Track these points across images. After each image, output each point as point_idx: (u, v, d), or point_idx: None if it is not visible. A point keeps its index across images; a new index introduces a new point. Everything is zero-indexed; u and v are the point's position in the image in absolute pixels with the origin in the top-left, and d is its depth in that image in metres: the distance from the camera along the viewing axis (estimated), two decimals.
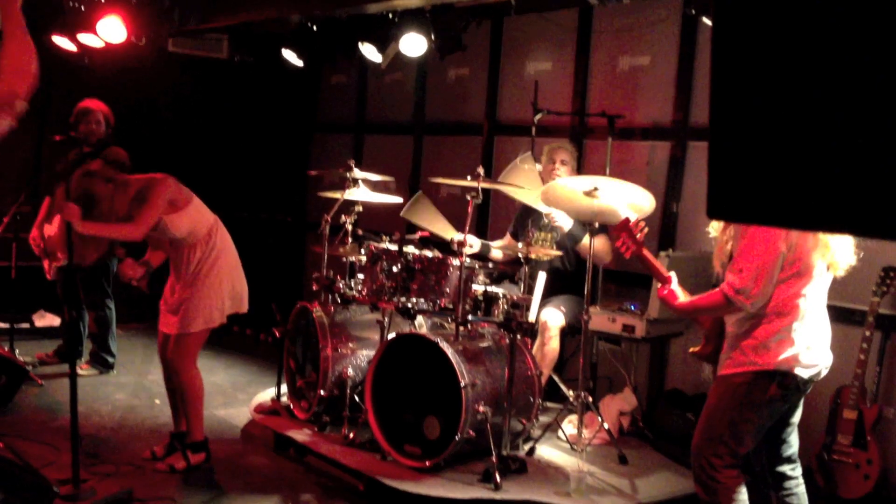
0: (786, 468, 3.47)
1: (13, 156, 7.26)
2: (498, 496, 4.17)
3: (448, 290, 4.71)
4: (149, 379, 6.18)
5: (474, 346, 4.68)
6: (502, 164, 6.61)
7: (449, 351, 4.37)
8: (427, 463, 4.37)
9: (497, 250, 5.64)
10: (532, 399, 4.72)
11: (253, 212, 8.17)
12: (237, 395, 5.97)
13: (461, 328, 4.70)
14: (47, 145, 7.05)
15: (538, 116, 5.50)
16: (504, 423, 4.41)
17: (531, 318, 4.75)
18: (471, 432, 4.33)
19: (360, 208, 5.40)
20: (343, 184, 5.42)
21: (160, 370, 4.71)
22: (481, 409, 4.36)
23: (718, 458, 3.26)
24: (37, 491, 3.92)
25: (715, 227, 3.41)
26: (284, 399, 5.33)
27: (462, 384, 4.28)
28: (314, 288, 5.30)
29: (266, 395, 5.60)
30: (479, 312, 4.75)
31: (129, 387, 6.01)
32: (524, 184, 5.17)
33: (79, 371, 5.94)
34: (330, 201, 5.39)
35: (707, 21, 5.08)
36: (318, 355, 5.00)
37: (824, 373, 3.32)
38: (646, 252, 3.54)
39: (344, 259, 5.43)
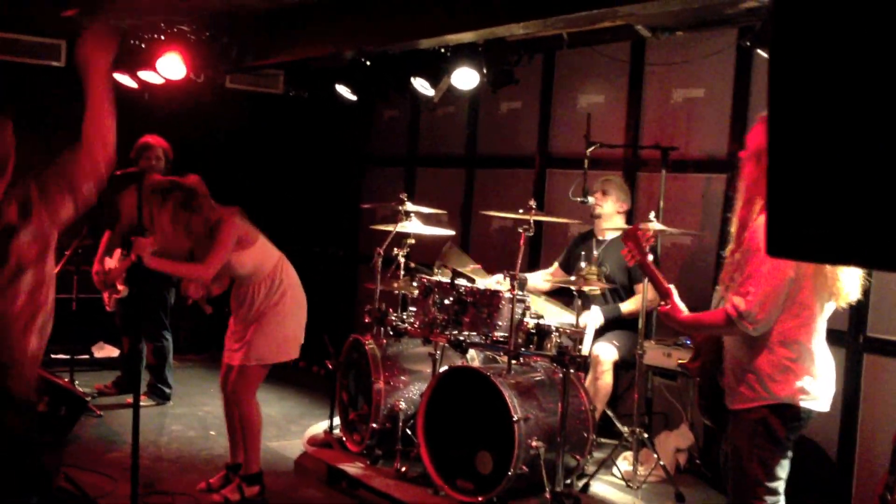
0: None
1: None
2: None
3: (500, 322, 4.69)
4: (204, 410, 6.25)
5: (527, 380, 4.64)
6: (555, 197, 6.62)
7: (501, 385, 4.34)
8: (480, 498, 4.34)
9: (542, 282, 5.60)
10: (586, 434, 4.66)
11: (306, 245, 8.25)
12: (290, 428, 6.00)
13: (513, 362, 4.67)
14: (110, 182, 7.21)
15: (591, 149, 5.48)
16: (557, 458, 4.36)
17: (584, 352, 4.70)
18: (524, 468, 4.28)
19: (412, 241, 5.42)
20: (395, 217, 5.46)
21: (215, 402, 4.77)
22: (534, 444, 4.31)
23: (760, 500, 3.18)
24: None
25: (728, 249, 3.35)
26: (337, 432, 5.34)
27: (514, 418, 4.25)
28: (366, 320, 5.33)
29: (319, 427, 5.62)
30: (531, 346, 4.72)
31: (184, 418, 6.08)
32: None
33: (142, 405, 6.13)
34: (382, 234, 5.42)
35: (763, 53, 5.04)
36: (370, 388, 5.00)
37: (827, 407, 3.21)
38: (649, 262, 3.52)
39: (396, 292, 5.45)
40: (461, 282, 4.87)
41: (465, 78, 6.14)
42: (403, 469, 4.74)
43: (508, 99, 7.11)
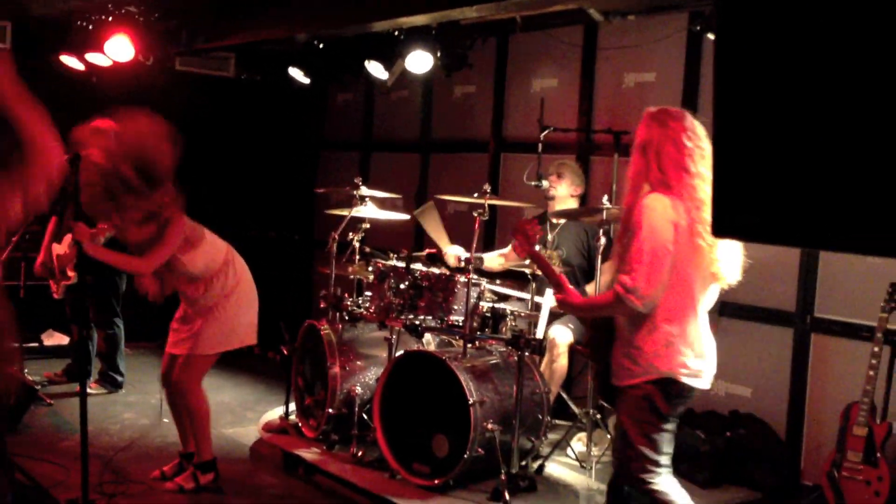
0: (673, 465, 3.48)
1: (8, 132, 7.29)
2: None
3: (456, 307, 4.71)
4: (157, 398, 6.14)
5: (482, 364, 4.67)
6: (509, 181, 6.64)
7: (457, 368, 4.36)
8: (436, 481, 4.36)
9: (493, 260, 5.62)
10: (541, 417, 4.70)
11: (261, 230, 8.18)
12: (245, 414, 5.96)
13: (469, 345, 4.70)
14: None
15: (544, 133, 5.51)
16: (513, 440, 4.39)
17: (539, 335, 4.74)
18: (479, 450, 4.31)
19: (367, 226, 5.41)
20: (350, 201, 5.43)
21: None
22: (490, 426, 4.34)
23: (646, 473, 3.27)
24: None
25: (616, 234, 3.43)
26: (293, 418, 5.32)
27: (470, 402, 4.28)
28: (322, 306, 5.31)
29: (274, 413, 5.60)
30: (486, 329, 4.75)
31: (137, 406, 6.01)
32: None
33: (88, 390, 5.98)
34: (337, 219, 5.40)
35: (712, 37, 5.10)
36: (326, 373, 4.99)
37: (708, 384, 3.32)
38: (538, 253, 3.62)
39: (352, 277, 5.44)
40: (417, 266, 4.88)
41: (419, 61, 6.12)
42: (360, 454, 4.75)
43: (462, 83, 7.10)
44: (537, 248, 3.54)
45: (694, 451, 4.84)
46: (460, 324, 4.66)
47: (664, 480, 3.28)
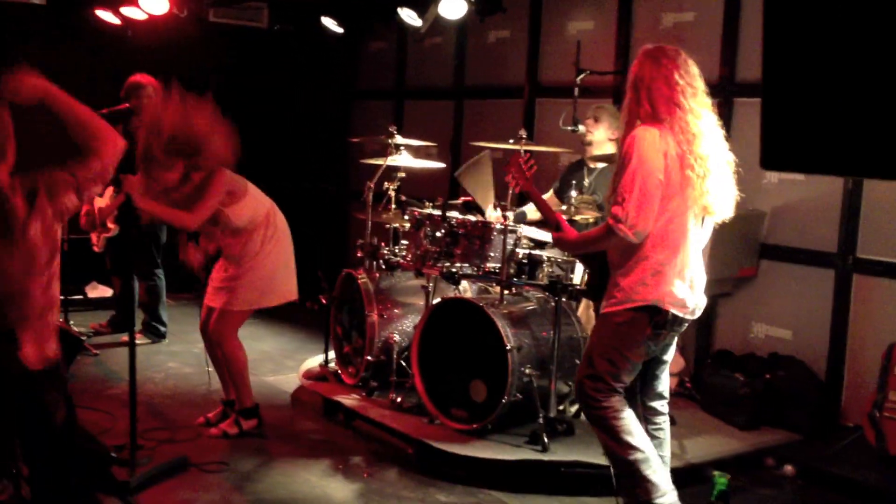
0: (656, 403, 3.56)
1: (62, 131, 7.37)
2: (546, 457, 4.19)
3: (492, 254, 4.70)
4: (200, 347, 6.23)
5: (519, 310, 4.67)
6: (545, 127, 6.57)
7: (494, 315, 4.37)
8: (474, 426, 4.41)
9: (535, 212, 5.58)
10: (578, 361, 4.70)
11: (296, 181, 8.21)
12: (285, 362, 6.05)
13: (506, 292, 4.70)
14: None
15: (580, 77, 5.42)
16: (550, 385, 4.41)
17: (576, 280, 4.73)
18: (517, 395, 4.34)
19: (402, 174, 5.40)
20: (385, 151, 5.42)
21: None
22: (527, 371, 4.37)
23: (599, 392, 3.34)
24: (95, 457, 4.03)
25: (614, 171, 3.42)
26: (332, 365, 5.39)
27: (507, 347, 4.29)
28: (359, 255, 5.34)
29: (314, 361, 5.67)
30: (523, 276, 4.75)
31: (181, 355, 6.13)
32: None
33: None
34: (372, 169, 5.40)
35: None
36: (364, 321, 5.04)
37: (698, 313, 3.37)
38: (534, 189, 3.64)
39: (387, 226, 5.45)
40: (452, 214, 4.87)
41: (452, 7, 6.05)
42: (399, 400, 4.80)
43: (496, 28, 7.01)
44: (544, 189, 3.55)
45: (732, 394, 4.84)
46: (497, 271, 4.66)
47: (617, 401, 3.34)
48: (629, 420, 3.36)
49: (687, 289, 3.28)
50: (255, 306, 4.54)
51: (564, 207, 4.89)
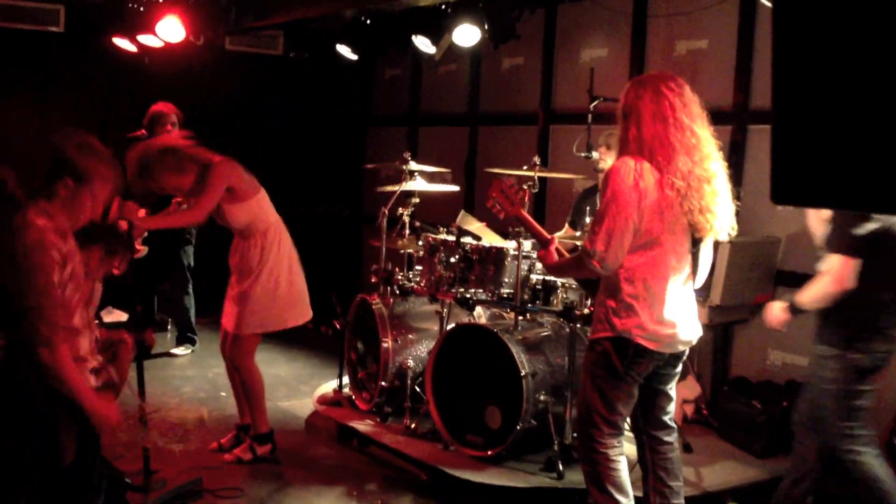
0: (661, 433, 3.51)
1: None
2: (561, 485, 4.17)
3: (506, 279, 4.70)
4: (214, 372, 6.30)
5: (534, 336, 4.67)
6: (559, 153, 6.59)
7: (509, 341, 4.37)
8: (489, 452, 4.39)
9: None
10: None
11: (310, 206, 8.25)
12: (300, 388, 6.05)
13: (520, 318, 4.69)
14: (112, 145, 7.22)
15: (594, 104, 5.44)
16: (565, 412, 4.40)
17: (590, 306, 4.71)
18: (532, 421, 4.32)
19: (416, 200, 5.42)
20: (399, 176, 5.45)
21: (223, 364, 4.80)
22: (542, 398, 4.35)
23: (597, 430, 3.32)
24: (109, 482, 4.02)
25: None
26: (346, 390, 5.39)
27: (522, 373, 4.28)
28: (373, 280, 5.35)
29: (328, 386, 5.67)
30: (537, 302, 4.74)
31: (194, 380, 6.14)
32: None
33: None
34: (386, 195, 5.42)
35: (766, 2, 4.98)
36: (378, 346, 5.04)
37: (681, 347, 3.34)
38: (523, 214, 3.63)
39: (402, 251, 5.46)
40: (467, 239, 4.88)
41: (467, 34, 6.09)
42: (413, 426, 4.79)
43: (510, 55, 7.05)
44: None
45: (750, 421, 4.81)
46: (511, 296, 4.66)
47: (615, 450, 3.33)
48: (620, 471, 3.34)
49: (662, 322, 3.23)
50: (265, 329, 4.53)
51: (579, 234, 4.90)
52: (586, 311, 4.61)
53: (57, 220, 2.91)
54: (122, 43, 7.15)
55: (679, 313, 3.28)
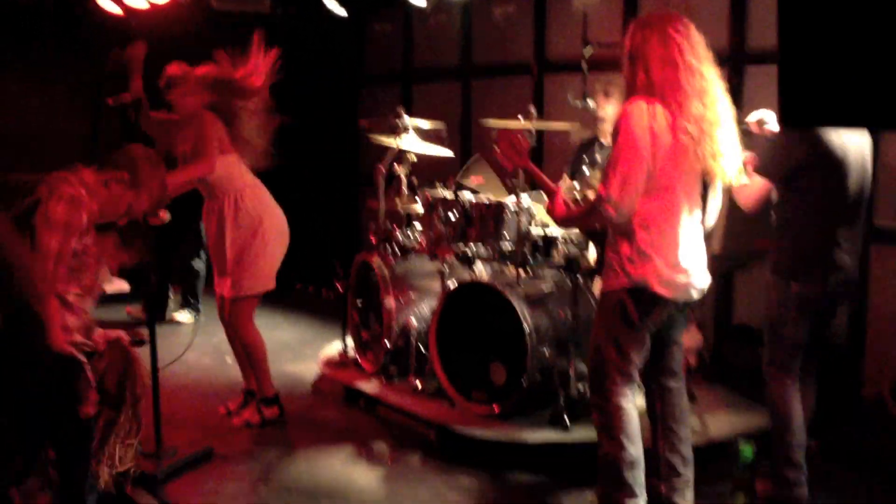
0: (670, 382, 3.51)
1: (71, 124, 7.41)
2: (568, 438, 4.20)
3: (506, 234, 4.68)
4: (218, 338, 6.29)
5: (536, 290, 4.66)
6: (554, 103, 6.51)
7: (511, 296, 4.36)
8: (495, 408, 4.40)
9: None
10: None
11: (305, 169, 8.18)
12: (304, 351, 6.06)
13: (522, 273, 4.68)
14: (104, 111, 7.16)
15: (587, 50, 5.36)
16: (570, 365, 4.41)
17: (591, 259, 4.70)
18: (537, 376, 4.34)
19: (413, 157, 5.37)
20: (395, 132, 5.39)
21: None
22: (546, 352, 4.35)
23: (611, 380, 3.31)
24: None
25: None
26: (351, 352, 5.40)
27: (526, 329, 4.28)
28: (372, 240, 5.32)
29: (333, 349, 5.68)
30: (538, 256, 4.72)
31: (199, 347, 6.13)
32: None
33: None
34: (382, 153, 5.36)
35: None
36: (381, 308, 5.03)
37: (696, 295, 3.31)
38: (531, 165, 3.57)
39: (400, 210, 5.43)
40: (465, 195, 4.84)
41: None
42: (419, 384, 4.81)
43: (502, 3, 6.94)
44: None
45: (754, 369, 4.80)
46: (512, 251, 4.64)
47: (627, 400, 3.33)
48: (630, 420, 3.34)
49: (677, 269, 3.22)
50: (259, 291, 4.52)
51: (577, 185, 4.85)
52: (590, 263, 4.60)
53: (95, 198, 3.09)
54: (106, 4, 7.02)
55: (692, 260, 3.27)
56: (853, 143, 3.53)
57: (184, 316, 6.85)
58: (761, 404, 4.70)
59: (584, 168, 5.09)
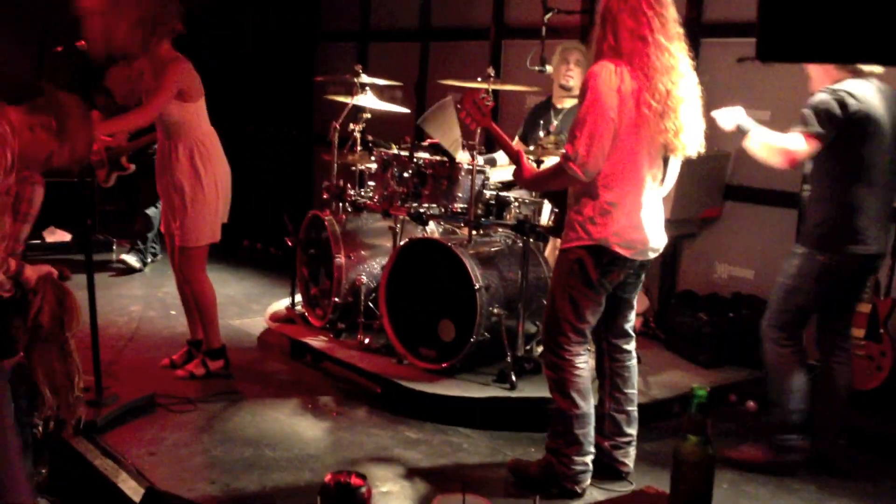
0: (621, 342, 3.59)
1: (13, 69, 7.18)
2: (514, 395, 4.24)
3: (460, 194, 4.68)
4: (163, 291, 6.23)
5: (487, 250, 4.67)
6: (511, 69, 6.51)
7: (462, 254, 4.37)
8: (443, 365, 4.43)
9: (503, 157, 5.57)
10: (545, 301, 4.73)
11: (259, 125, 8.08)
12: (251, 306, 6.01)
13: (474, 232, 4.69)
14: (49, 58, 6.97)
15: (548, 16, 5.36)
16: (518, 325, 4.44)
17: (543, 220, 4.73)
18: (485, 334, 4.36)
19: (368, 115, 5.32)
20: (350, 91, 5.34)
21: (173, 283, 4.74)
22: (495, 311, 4.38)
23: (565, 337, 3.38)
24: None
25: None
26: (299, 308, 5.37)
27: (476, 287, 4.30)
28: (325, 196, 5.28)
29: (280, 304, 5.64)
30: (491, 216, 4.74)
31: (144, 298, 6.06)
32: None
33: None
34: (337, 110, 5.31)
35: None
36: (331, 263, 5.01)
37: (652, 254, 3.38)
38: (494, 126, 3.60)
39: (353, 168, 5.39)
40: (420, 154, 4.83)
41: None
42: (367, 341, 4.80)
43: None
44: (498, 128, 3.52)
45: (696, 333, 4.92)
46: (465, 211, 4.64)
47: (580, 358, 3.39)
48: (584, 378, 3.40)
49: (637, 229, 3.27)
50: (215, 238, 4.46)
51: (532, 149, 4.87)
52: (542, 224, 4.63)
53: (18, 139, 2.94)
54: None
55: (651, 221, 3.32)
56: (887, 115, 3.54)
57: (132, 259, 6.76)
58: (703, 367, 4.83)
59: (539, 132, 5.11)
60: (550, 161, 4.78)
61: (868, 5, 1.08)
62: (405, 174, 4.77)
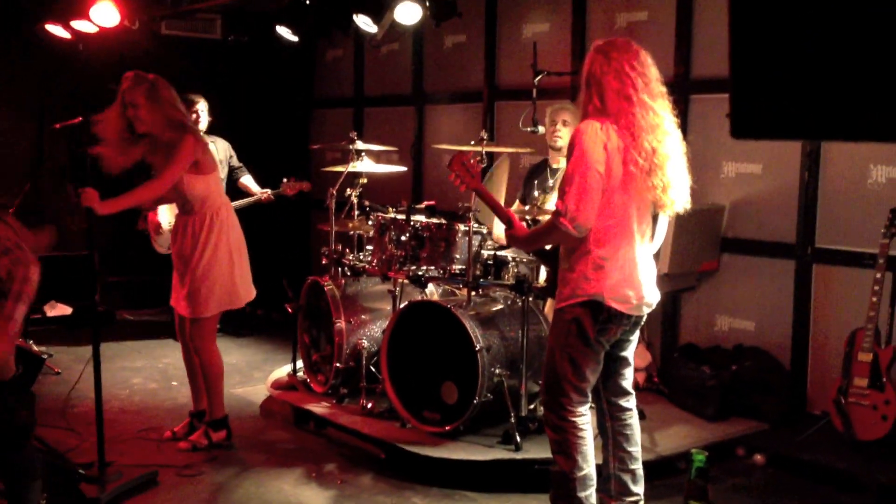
0: (621, 400, 3.57)
1: (15, 148, 7.28)
2: (519, 456, 4.21)
3: (458, 256, 4.71)
4: (164, 362, 6.22)
5: (487, 311, 4.69)
6: (504, 130, 6.61)
7: (462, 316, 4.38)
8: (447, 427, 4.40)
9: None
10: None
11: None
12: (253, 374, 6.00)
13: (473, 293, 4.71)
14: (48, 136, 7.06)
15: (538, 78, 5.46)
16: (521, 385, 4.43)
17: (542, 280, 4.75)
18: (488, 395, 4.35)
19: (364, 181, 5.38)
20: (346, 157, 5.41)
21: (175, 353, 4.75)
22: (497, 372, 4.38)
23: (567, 398, 3.36)
24: (62, 475, 3.95)
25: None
26: (301, 374, 5.35)
27: (477, 348, 4.30)
28: (323, 262, 5.31)
29: (282, 371, 5.63)
30: (489, 277, 4.76)
31: (145, 371, 6.05)
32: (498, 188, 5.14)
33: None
34: (334, 176, 5.38)
35: None
36: (331, 329, 5.01)
37: (647, 310, 3.40)
38: (483, 187, 3.65)
39: (352, 232, 5.43)
40: (417, 217, 4.87)
41: (408, 12, 6.05)
42: (370, 405, 4.78)
43: (453, 32, 7.03)
44: (493, 182, 3.56)
45: (700, 386, 4.90)
46: (463, 272, 4.67)
47: (583, 419, 3.37)
48: (587, 439, 3.38)
49: (631, 284, 3.29)
50: (219, 310, 4.48)
51: (527, 208, 4.91)
52: (541, 283, 4.65)
53: None
54: (55, 30, 6.96)
55: (644, 276, 3.34)
56: None
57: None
58: (708, 420, 4.80)
59: (535, 192, 5.16)
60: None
61: (836, 85, 1.11)
62: (403, 237, 4.81)
